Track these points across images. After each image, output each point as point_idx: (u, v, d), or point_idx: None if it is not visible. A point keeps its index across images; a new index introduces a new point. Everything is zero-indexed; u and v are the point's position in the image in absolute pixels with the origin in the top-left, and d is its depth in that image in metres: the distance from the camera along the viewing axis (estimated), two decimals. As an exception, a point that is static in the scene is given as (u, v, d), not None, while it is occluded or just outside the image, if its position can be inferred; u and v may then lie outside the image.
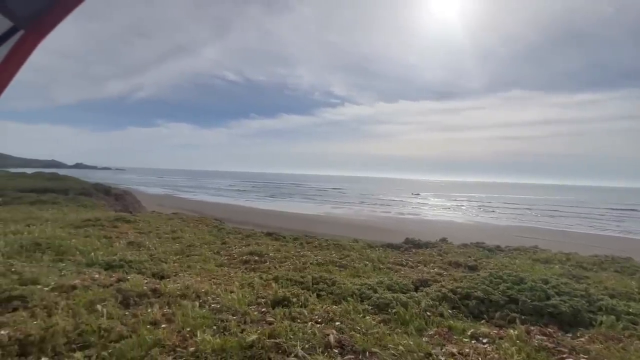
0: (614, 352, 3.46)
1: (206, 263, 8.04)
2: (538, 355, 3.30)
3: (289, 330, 3.54)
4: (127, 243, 9.44)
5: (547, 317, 4.80)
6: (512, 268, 7.57)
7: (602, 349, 3.53)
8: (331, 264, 8.29)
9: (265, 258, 8.87)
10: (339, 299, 5.21)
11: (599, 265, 9.35)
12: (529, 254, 11.01)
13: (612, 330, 4.27)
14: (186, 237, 11.61)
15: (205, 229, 14.76)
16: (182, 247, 9.77)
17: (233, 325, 3.66)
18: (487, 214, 43.71)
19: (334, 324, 3.98)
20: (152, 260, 7.60)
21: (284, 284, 5.93)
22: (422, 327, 4.20)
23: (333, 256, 9.32)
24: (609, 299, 5.33)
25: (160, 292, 4.64)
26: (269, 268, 7.85)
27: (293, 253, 9.73)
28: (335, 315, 4.28)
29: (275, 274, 6.74)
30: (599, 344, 3.77)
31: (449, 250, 11.67)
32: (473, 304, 5.19)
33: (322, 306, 4.71)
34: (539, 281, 5.62)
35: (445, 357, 3.16)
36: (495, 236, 21.88)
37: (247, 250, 9.48)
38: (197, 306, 4.17)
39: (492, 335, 3.87)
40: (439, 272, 7.48)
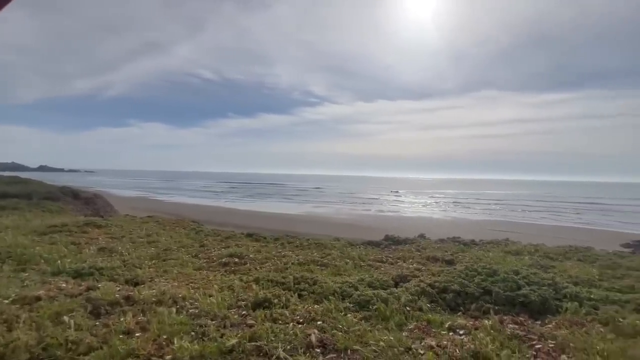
0: (578, 336, 3.68)
1: (184, 267, 7.80)
2: (510, 344, 3.45)
3: (270, 332, 3.50)
4: (97, 249, 8.97)
5: (519, 306, 5.05)
6: (486, 261, 7.90)
7: (568, 334, 3.75)
8: (312, 263, 8.29)
9: (246, 259, 8.73)
10: (321, 298, 5.22)
11: (564, 255, 9.96)
12: (501, 247, 11.54)
13: (576, 315, 4.55)
14: (162, 241, 11.20)
15: (182, 232, 14.32)
16: (158, 252, 9.42)
17: (212, 330, 3.57)
18: (463, 210, 45.38)
19: (316, 323, 3.98)
20: (125, 266, 7.27)
21: (265, 285, 5.86)
22: (402, 322, 4.29)
23: (314, 255, 9.32)
24: (573, 286, 5.68)
25: (134, 300, 4.44)
26: (249, 270, 7.73)
27: (274, 254, 9.64)
28: (317, 314, 4.28)
29: (256, 275, 6.65)
30: (564, 329, 4.01)
31: (427, 245, 12.00)
32: (450, 297, 5.36)
33: (303, 306, 4.70)
34: (510, 272, 5.90)
35: (424, 350, 3.24)
36: (471, 231, 22.75)
37: (227, 252, 9.28)
38: (174, 312, 4.03)
39: (468, 327, 4.01)
40: (417, 268, 7.67)
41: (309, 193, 76.47)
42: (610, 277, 6.95)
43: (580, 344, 3.43)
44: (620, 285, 6.20)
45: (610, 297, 5.33)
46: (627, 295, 5.38)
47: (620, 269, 7.88)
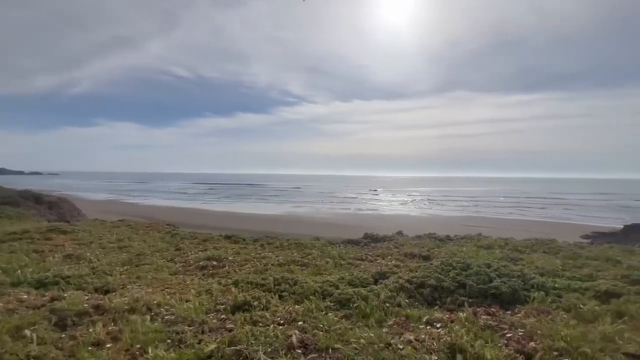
0: (545, 324, 3.92)
1: (158, 272, 7.51)
2: (484, 334, 3.61)
3: (250, 336, 3.44)
4: (63, 256, 8.44)
5: (491, 297, 5.30)
6: (460, 255, 8.21)
7: (535, 322, 3.98)
8: (293, 263, 8.25)
9: (224, 262, 8.55)
10: (302, 298, 5.20)
11: (531, 247, 10.55)
12: (474, 241, 12.04)
13: (543, 304, 4.84)
14: (135, 246, 10.72)
15: (157, 235, 13.77)
16: (131, 257, 9.00)
17: (189, 336, 3.46)
18: (438, 207, 46.94)
19: (297, 324, 3.96)
20: (94, 273, 6.89)
21: (244, 287, 5.76)
22: (382, 319, 4.36)
23: (294, 255, 9.28)
24: (539, 277, 6.04)
25: (104, 308, 4.21)
26: (228, 272, 7.57)
27: (253, 255, 9.51)
28: (298, 315, 4.27)
29: (235, 278, 6.52)
30: (532, 318, 4.25)
31: (405, 242, 12.30)
32: (427, 292, 5.53)
33: (284, 307, 4.67)
34: (483, 266, 6.17)
35: (404, 345, 3.32)
36: (446, 226, 23.56)
37: (204, 256, 9.03)
38: (148, 320, 3.86)
39: (445, 320, 4.15)
40: (396, 264, 7.84)
41: (288, 193, 76.10)
42: (572, 267, 7.44)
43: (547, 330, 3.65)
44: (580, 274, 6.65)
45: (572, 285, 5.71)
46: (586, 283, 5.78)
47: (581, 259, 8.46)
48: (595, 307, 4.54)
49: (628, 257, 8.61)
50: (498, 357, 3.00)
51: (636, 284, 5.64)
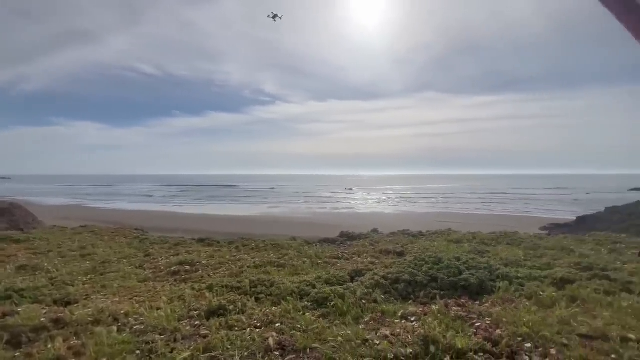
0: (509, 312, 4.17)
1: (126, 280, 7.12)
2: (455, 324, 3.78)
3: (226, 341, 3.36)
4: (16, 267, 7.76)
5: (461, 289, 5.55)
6: (432, 250, 8.53)
7: (501, 311, 4.22)
8: (269, 264, 8.16)
9: (198, 266, 8.28)
10: (279, 299, 5.16)
11: (496, 240, 11.18)
12: (444, 236, 12.56)
13: (507, 293, 5.15)
14: (99, 253, 10.09)
15: (124, 241, 13.06)
16: (95, 265, 8.46)
17: (161, 345, 3.31)
18: (411, 204, 48.48)
19: (274, 326, 3.93)
20: (53, 284, 6.40)
21: (219, 292, 5.61)
22: (358, 316, 4.43)
23: (271, 257, 9.18)
24: (504, 267, 6.41)
25: (64, 322, 3.93)
26: (202, 277, 7.34)
27: (228, 258, 9.29)
28: (275, 316, 4.23)
29: (209, 282, 6.33)
30: (498, 306, 4.51)
31: (380, 239, 12.57)
32: (402, 287, 5.69)
33: (261, 309, 4.60)
34: (453, 259, 6.45)
35: (380, 340, 3.39)
36: (418, 223, 24.38)
37: (176, 260, 8.69)
38: (115, 331, 3.65)
39: (419, 313, 4.30)
40: (371, 261, 7.99)
41: (264, 193, 75.12)
42: (533, 257, 7.98)
43: (511, 318, 3.89)
44: (540, 264, 7.14)
45: (533, 274, 6.12)
46: (545, 272, 6.23)
47: (540, 249, 9.10)
48: (553, 294, 4.90)
49: (580, 246, 9.39)
50: (468, 345, 3.15)
51: (587, 271, 6.16)
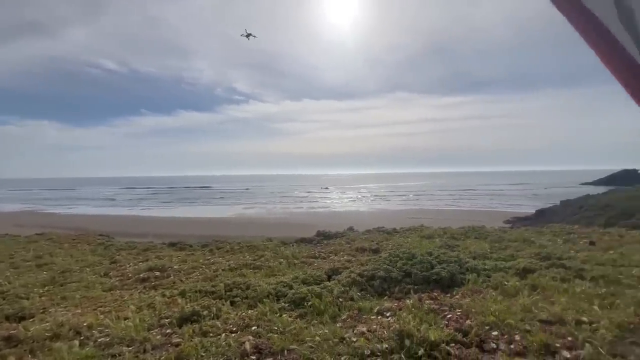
0: (478, 302, 4.39)
1: (89, 290, 6.68)
2: (428, 318, 3.91)
3: (200, 348, 3.25)
4: (-40, 282, 7.02)
5: (433, 283, 5.76)
6: (406, 246, 8.78)
7: (470, 302, 4.43)
8: (245, 267, 8.00)
9: (169, 272, 7.94)
10: (255, 302, 5.07)
11: (465, 234, 11.73)
12: (417, 232, 12.98)
13: (476, 285, 5.41)
14: (58, 262, 9.39)
15: (87, 249, 12.25)
16: (53, 275, 7.86)
17: (128, 357, 3.14)
18: (385, 202, 49.67)
19: (251, 329, 3.85)
20: (4, 298, 5.87)
21: (192, 297, 5.41)
22: (336, 314, 4.46)
23: (246, 259, 9.01)
24: (472, 260, 6.74)
25: (18, 339, 3.60)
26: (173, 283, 7.06)
27: (202, 262, 9.00)
28: (252, 320, 4.15)
29: (181, 288, 6.09)
30: (467, 298, 4.73)
31: (356, 237, 12.75)
32: (377, 284, 5.80)
33: (237, 313, 4.50)
34: (425, 254, 6.68)
35: (357, 337, 3.43)
36: (392, 220, 25.03)
37: (145, 267, 8.28)
38: (77, 345, 3.41)
39: (394, 308, 4.40)
40: (348, 259, 8.07)
41: (239, 194, 73.63)
42: (498, 249, 8.46)
43: (479, 308, 4.09)
44: (504, 255, 7.58)
45: (498, 265, 6.48)
46: (509, 263, 6.62)
47: (504, 242, 9.66)
48: (516, 283, 5.22)
49: (539, 237, 10.09)
50: (440, 337, 3.27)
51: (546, 260, 6.63)
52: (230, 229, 23.55)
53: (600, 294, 4.48)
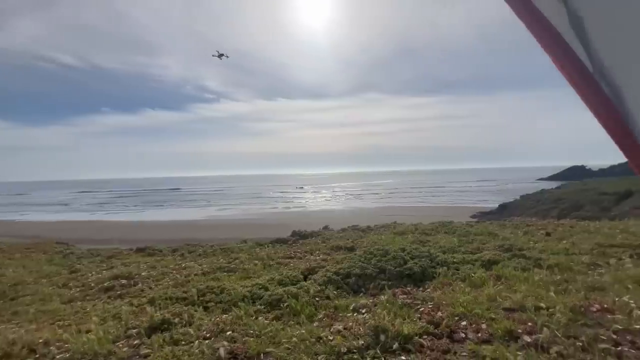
0: (448, 294, 4.59)
1: (46, 303, 6.17)
2: (402, 312, 4.03)
3: (170, 357, 3.11)
4: None
5: (406, 278, 5.93)
6: (380, 243, 8.98)
7: (441, 294, 4.62)
8: (219, 270, 7.78)
9: (137, 279, 7.53)
10: (230, 306, 4.94)
11: (435, 229, 12.22)
12: (390, 229, 13.33)
13: (446, 278, 5.64)
14: (8, 274, 8.58)
15: (42, 258, 11.31)
16: (3, 289, 7.17)
17: (92, 373, 2.93)
18: (359, 200, 50.53)
19: (225, 334, 3.74)
20: (-57, 318, 5.25)
21: (162, 305, 5.17)
22: (312, 314, 4.46)
23: (220, 262, 8.77)
24: (442, 254, 7.03)
25: (-39, 362, 3.25)
26: (141, 290, 6.70)
27: (172, 267, 8.63)
28: (226, 324, 4.04)
29: (150, 295, 5.79)
30: (438, 291, 4.93)
31: (331, 236, 12.85)
32: (353, 281, 5.88)
33: (210, 319, 4.36)
34: (398, 250, 6.87)
35: (333, 335, 3.46)
36: (366, 217, 25.52)
37: (110, 275, 7.80)
38: (32, 364, 3.13)
39: (369, 305, 4.48)
40: (324, 258, 8.11)
41: (211, 196, 71.49)
42: (465, 243, 8.89)
43: (449, 300, 4.27)
44: (471, 248, 7.98)
45: (466, 258, 6.82)
46: (475, 255, 6.98)
47: (471, 235, 10.18)
48: (482, 274, 5.51)
49: (502, 230, 10.74)
50: (414, 330, 3.37)
51: (508, 252, 7.07)
52: (202, 232, 22.80)
53: (556, 280, 4.85)
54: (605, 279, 4.70)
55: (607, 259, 5.88)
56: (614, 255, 6.17)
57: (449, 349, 3.10)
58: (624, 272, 4.94)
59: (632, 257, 5.94)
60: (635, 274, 4.73)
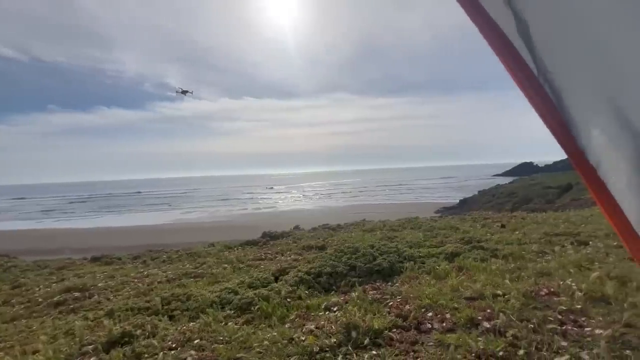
0: (414, 287, 4.78)
1: (-18, 323, 5.49)
2: (372, 307, 4.12)
3: (132, 372, 2.91)
4: None
5: (376, 274, 6.09)
6: (350, 241, 9.12)
7: (408, 288, 4.80)
8: (185, 276, 7.43)
9: (92, 291, 6.97)
10: (197, 313, 4.75)
11: (402, 225, 12.67)
12: (360, 226, 13.60)
13: (412, 272, 5.87)
14: None
15: (-24, 274, 10.03)
16: None
17: (40, 397, 2.66)
18: (329, 199, 51.02)
19: (193, 343, 3.59)
20: None
21: (122, 316, 4.83)
22: (284, 315, 4.42)
23: (187, 267, 8.39)
24: (409, 249, 7.31)
25: None
26: (98, 303, 6.22)
27: (133, 275, 8.10)
28: (193, 333, 3.87)
29: (108, 307, 5.39)
30: (406, 284, 5.11)
31: (302, 236, 12.82)
32: (324, 280, 5.91)
33: (176, 328, 4.15)
34: (368, 247, 7.03)
35: (305, 335, 3.45)
36: (336, 216, 25.84)
37: (61, 288, 7.14)
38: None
39: (340, 302, 4.53)
40: (295, 259, 8.07)
41: (176, 198, 68.20)
42: (430, 237, 9.31)
43: (416, 293, 4.45)
44: (436, 242, 8.38)
45: (431, 252, 7.15)
46: (439, 249, 7.35)
47: (435, 230, 10.69)
48: (446, 266, 5.82)
49: (462, 224, 11.41)
50: (384, 324, 3.47)
51: (468, 244, 7.52)
52: (166, 237, 21.66)
53: (510, 269, 5.25)
54: (551, 265, 5.17)
55: (552, 247, 6.47)
56: (558, 243, 6.82)
57: (417, 340, 3.23)
58: (566, 257, 5.47)
59: (572, 244, 6.60)
60: (575, 259, 5.25)
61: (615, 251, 5.42)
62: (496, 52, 0.71)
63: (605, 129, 0.70)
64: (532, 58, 0.68)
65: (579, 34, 0.63)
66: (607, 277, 4.08)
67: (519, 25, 0.66)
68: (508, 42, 0.68)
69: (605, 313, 3.33)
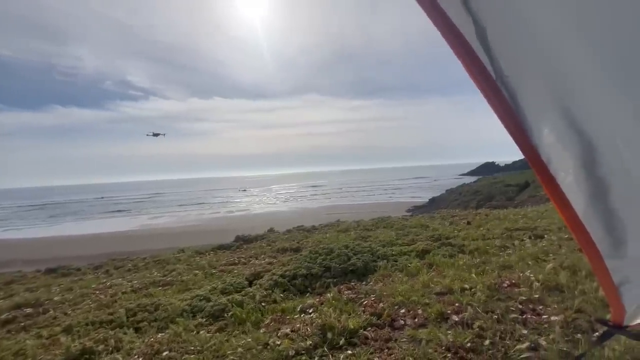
0: (388, 286, 4.88)
1: None
2: (347, 307, 4.15)
3: (93, 392, 2.70)
4: None
5: (350, 274, 6.15)
6: (325, 242, 9.16)
7: (382, 286, 4.90)
8: (152, 285, 7.07)
9: (47, 306, 6.42)
10: (166, 323, 4.53)
11: (375, 225, 12.94)
12: (334, 227, 13.70)
13: (386, 270, 6.01)
14: None
15: None
16: None
17: None
18: (303, 200, 50.96)
19: (161, 355, 3.41)
20: None
21: (82, 332, 4.50)
22: (259, 320, 4.33)
23: (154, 275, 7.99)
24: (382, 248, 7.47)
25: None
26: (54, 318, 5.73)
27: (95, 287, 7.57)
28: (162, 344, 3.68)
29: (66, 323, 4.99)
30: (380, 283, 5.21)
31: (277, 238, 12.68)
32: (299, 282, 5.88)
33: (143, 340, 3.93)
34: (342, 248, 7.10)
35: (281, 339, 3.40)
36: (311, 217, 25.84)
37: (10, 304, 6.51)
38: None
39: (316, 304, 4.52)
40: (269, 262, 7.96)
41: (143, 203, 64.73)
42: (402, 236, 9.59)
43: (389, 290, 4.55)
44: (407, 241, 8.64)
45: (403, 250, 7.36)
46: (411, 247, 7.59)
47: (406, 229, 11.03)
48: (417, 264, 6.01)
49: (432, 222, 11.87)
50: (358, 323, 3.51)
51: (437, 241, 7.83)
52: (132, 244, 20.46)
53: (476, 263, 5.53)
54: (512, 258, 5.51)
55: (513, 241, 6.91)
56: (517, 237, 7.29)
57: (391, 337, 3.30)
58: (525, 251, 5.86)
59: (530, 238, 7.09)
60: (533, 252, 5.65)
61: (567, 243, 5.90)
62: (458, 57, 0.74)
63: (554, 128, 0.76)
64: (489, 61, 0.72)
65: (530, 39, 0.68)
66: (561, 268, 4.42)
67: (478, 30, 0.69)
68: (468, 47, 0.72)
69: (560, 301, 3.60)
